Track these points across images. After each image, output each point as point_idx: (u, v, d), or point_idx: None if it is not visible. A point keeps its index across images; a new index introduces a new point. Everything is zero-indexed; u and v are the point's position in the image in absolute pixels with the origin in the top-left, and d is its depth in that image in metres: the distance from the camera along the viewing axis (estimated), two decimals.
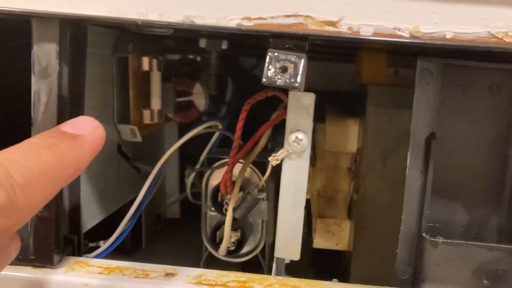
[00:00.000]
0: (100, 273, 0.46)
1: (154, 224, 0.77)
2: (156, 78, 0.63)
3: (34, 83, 0.43)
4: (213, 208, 0.63)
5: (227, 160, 0.62)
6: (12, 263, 0.45)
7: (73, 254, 0.50)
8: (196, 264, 0.69)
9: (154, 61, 0.62)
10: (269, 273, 0.66)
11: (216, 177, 0.64)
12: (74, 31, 0.46)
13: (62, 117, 0.44)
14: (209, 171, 0.63)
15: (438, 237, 0.47)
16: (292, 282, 0.46)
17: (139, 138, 0.62)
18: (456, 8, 0.48)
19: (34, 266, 0.46)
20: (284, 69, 0.38)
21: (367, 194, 0.58)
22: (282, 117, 0.58)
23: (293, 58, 0.39)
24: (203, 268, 0.65)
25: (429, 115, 0.47)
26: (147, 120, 0.63)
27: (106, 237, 0.59)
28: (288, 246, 0.48)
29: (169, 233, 0.82)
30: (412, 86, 0.61)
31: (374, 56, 0.62)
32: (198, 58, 0.71)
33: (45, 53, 0.43)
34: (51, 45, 0.43)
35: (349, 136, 0.62)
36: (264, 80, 0.39)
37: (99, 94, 0.57)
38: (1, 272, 0.43)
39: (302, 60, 0.39)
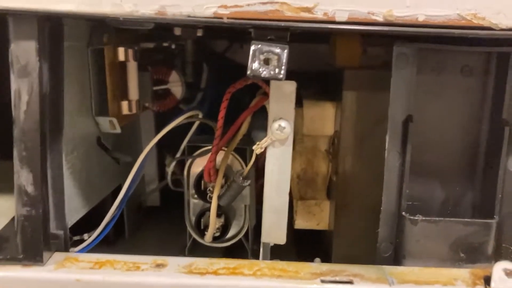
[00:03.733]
0: (91, 268, 0.46)
1: (135, 213, 0.78)
2: (132, 68, 0.62)
3: (14, 82, 0.43)
4: (196, 196, 0.64)
5: (208, 148, 0.63)
6: (1, 263, 0.46)
7: (61, 250, 0.50)
8: (180, 251, 0.70)
9: (130, 51, 0.62)
10: (253, 255, 0.68)
11: (197, 165, 0.64)
12: (51, 26, 0.45)
13: (44, 115, 0.43)
14: (190, 160, 0.64)
15: (417, 215, 0.49)
16: (280, 265, 0.47)
17: (118, 130, 0.62)
18: None
19: (24, 265, 0.46)
20: (267, 61, 0.39)
21: (346, 175, 0.60)
22: (261, 103, 0.59)
23: (276, 49, 0.39)
24: (189, 255, 0.67)
25: (406, 99, 0.49)
26: (125, 111, 0.62)
27: (88, 229, 0.60)
28: (274, 230, 0.50)
29: (150, 221, 0.82)
30: (383, 66, 0.63)
31: (347, 39, 0.63)
32: (173, 46, 0.70)
33: (24, 51, 0.42)
34: (30, 42, 0.42)
35: (326, 119, 0.63)
36: (248, 72, 0.40)
37: (77, 88, 0.56)
38: None
39: (285, 52, 0.39)
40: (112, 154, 0.67)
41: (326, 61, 0.69)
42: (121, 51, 0.61)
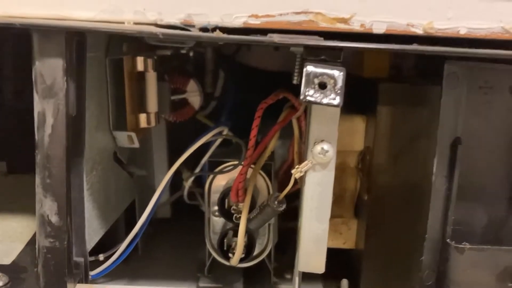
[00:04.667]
0: None
1: (147, 227, 0.74)
2: (151, 79, 0.59)
3: (38, 103, 0.39)
4: (217, 214, 0.61)
5: (230, 163, 0.60)
6: None
7: (81, 278, 0.47)
8: (197, 267, 0.67)
9: (149, 61, 0.58)
10: (276, 275, 0.65)
11: (218, 180, 0.61)
12: (77, 41, 0.41)
13: (70, 140, 0.40)
14: (211, 176, 0.61)
15: (463, 243, 0.47)
16: None
17: (136, 144, 0.58)
18: (471, 3, 0.47)
19: None
20: (322, 85, 0.36)
21: (379, 193, 0.57)
22: (290, 118, 0.56)
23: (332, 72, 0.36)
24: (208, 274, 0.64)
25: (454, 120, 0.46)
26: (143, 124, 0.59)
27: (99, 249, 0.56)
28: (313, 259, 0.47)
29: (161, 234, 0.79)
30: (412, 78, 0.61)
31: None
32: (191, 53, 0.67)
33: (50, 69, 0.38)
34: (57, 60, 0.38)
35: (356, 134, 0.60)
36: (302, 97, 0.36)
37: (96, 101, 0.52)
38: None
39: (342, 75, 0.36)
40: (128, 169, 0.64)
41: (352, 70, 0.66)
42: (140, 60, 0.57)
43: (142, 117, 0.58)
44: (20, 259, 0.46)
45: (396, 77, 0.62)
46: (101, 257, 0.57)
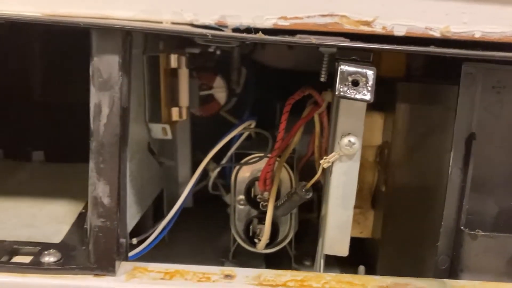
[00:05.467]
0: (161, 278, 0.47)
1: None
2: (184, 75, 0.63)
3: (94, 95, 0.43)
4: (242, 202, 0.65)
5: (256, 156, 0.64)
6: (73, 272, 0.46)
7: (125, 258, 0.51)
8: (221, 254, 0.71)
9: (183, 58, 0.62)
10: (296, 261, 0.69)
11: (244, 171, 0.65)
12: (129, 39, 0.45)
13: (124, 128, 0.44)
14: (237, 167, 0.65)
15: (477, 230, 0.51)
16: (346, 278, 0.48)
17: (170, 136, 0.62)
18: (485, 9, 0.50)
19: (95, 275, 0.46)
20: (355, 83, 0.40)
21: (396, 186, 0.61)
22: (313, 113, 0.59)
23: (364, 71, 0.40)
24: (233, 260, 0.68)
25: (469, 117, 0.50)
26: (175, 117, 0.63)
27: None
28: (337, 243, 0.51)
29: (185, 223, 0.83)
30: (425, 76, 0.64)
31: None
32: (218, 52, 0.71)
33: (107, 65, 0.42)
34: (113, 56, 0.42)
35: (375, 130, 0.64)
36: (337, 93, 0.40)
37: (135, 95, 0.56)
38: (64, 281, 0.44)
39: (373, 73, 0.40)
40: (159, 159, 0.68)
41: None
42: (174, 58, 0.61)
43: (175, 110, 0.62)
44: (68, 238, 0.50)
45: (411, 77, 0.66)
46: (134, 240, 0.61)
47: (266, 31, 0.49)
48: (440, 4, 0.50)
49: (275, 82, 0.83)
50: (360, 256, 0.68)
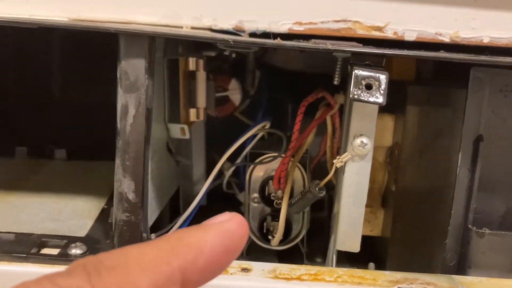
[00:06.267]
0: None
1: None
2: (201, 78, 0.65)
3: (121, 96, 0.45)
4: (256, 200, 0.67)
5: (271, 155, 0.66)
6: None
7: None
8: None
9: (200, 62, 0.64)
10: (307, 258, 0.72)
11: (258, 170, 0.67)
12: (154, 44, 0.48)
13: (148, 128, 0.46)
14: (252, 166, 0.67)
15: (484, 229, 0.53)
16: (358, 273, 0.50)
17: (187, 136, 0.65)
18: (494, 15, 0.53)
19: None
20: (369, 86, 0.42)
21: (406, 185, 0.63)
22: (326, 115, 0.62)
23: (377, 75, 0.42)
24: (246, 256, 0.70)
25: (477, 119, 0.52)
26: (193, 118, 0.65)
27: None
28: (349, 239, 0.53)
29: (199, 220, 0.85)
30: (434, 79, 0.66)
31: None
32: (233, 55, 0.73)
33: (134, 68, 0.45)
34: (140, 60, 0.45)
35: (385, 131, 0.66)
36: (351, 96, 0.43)
37: (156, 96, 0.59)
38: None
39: (385, 77, 0.42)
40: (176, 158, 0.70)
41: None
42: (192, 61, 0.64)
43: (193, 111, 0.65)
44: (92, 232, 0.53)
45: (422, 80, 0.68)
46: (153, 236, 0.64)
47: (281, 35, 0.51)
48: (449, 10, 0.52)
49: (286, 84, 0.85)
50: (370, 254, 0.71)
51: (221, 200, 0.83)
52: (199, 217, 0.86)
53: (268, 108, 0.78)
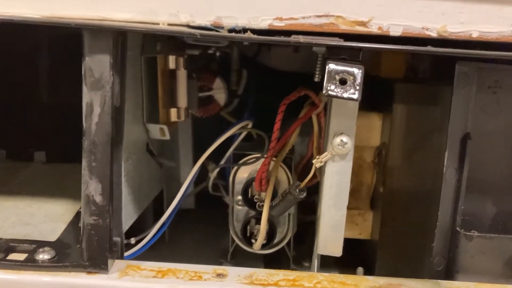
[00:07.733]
0: (154, 276, 0.47)
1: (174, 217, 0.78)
2: (182, 76, 0.63)
3: (86, 94, 0.43)
4: (240, 203, 0.65)
5: (254, 156, 0.64)
6: (66, 270, 0.47)
7: (119, 257, 0.51)
8: (220, 255, 0.71)
9: (180, 60, 0.62)
10: (294, 262, 0.69)
11: (242, 172, 0.65)
12: (122, 40, 0.46)
13: (113, 128, 0.44)
14: (235, 167, 0.65)
15: (472, 231, 0.50)
16: (339, 278, 0.48)
17: (167, 137, 0.63)
18: (483, 8, 0.50)
19: (88, 272, 0.47)
20: (343, 81, 0.40)
21: (394, 186, 0.61)
22: (310, 114, 0.59)
23: (352, 70, 0.40)
24: (231, 260, 0.68)
25: (464, 117, 0.49)
26: (174, 118, 0.63)
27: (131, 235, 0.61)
28: (331, 243, 0.51)
29: (185, 224, 0.83)
30: (426, 78, 0.64)
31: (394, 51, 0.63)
32: (218, 53, 0.71)
33: (98, 65, 0.43)
34: (104, 56, 0.43)
35: (373, 130, 0.63)
36: (324, 92, 0.40)
37: (132, 96, 0.57)
38: (58, 279, 0.45)
39: (361, 72, 0.40)
40: (158, 160, 0.68)
41: (370, 71, 0.70)
42: (172, 59, 0.62)
43: (173, 111, 0.63)
44: (63, 237, 0.51)
45: (411, 78, 0.65)
46: (132, 240, 0.62)
47: (261, 32, 0.49)
48: (436, 4, 0.50)
49: (280, 84, 0.83)
50: (359, 258, 0.68)
51: (209, 204, 0.81)
52: (186, 221, 0.85)
53: (254, 108, 0.76)
